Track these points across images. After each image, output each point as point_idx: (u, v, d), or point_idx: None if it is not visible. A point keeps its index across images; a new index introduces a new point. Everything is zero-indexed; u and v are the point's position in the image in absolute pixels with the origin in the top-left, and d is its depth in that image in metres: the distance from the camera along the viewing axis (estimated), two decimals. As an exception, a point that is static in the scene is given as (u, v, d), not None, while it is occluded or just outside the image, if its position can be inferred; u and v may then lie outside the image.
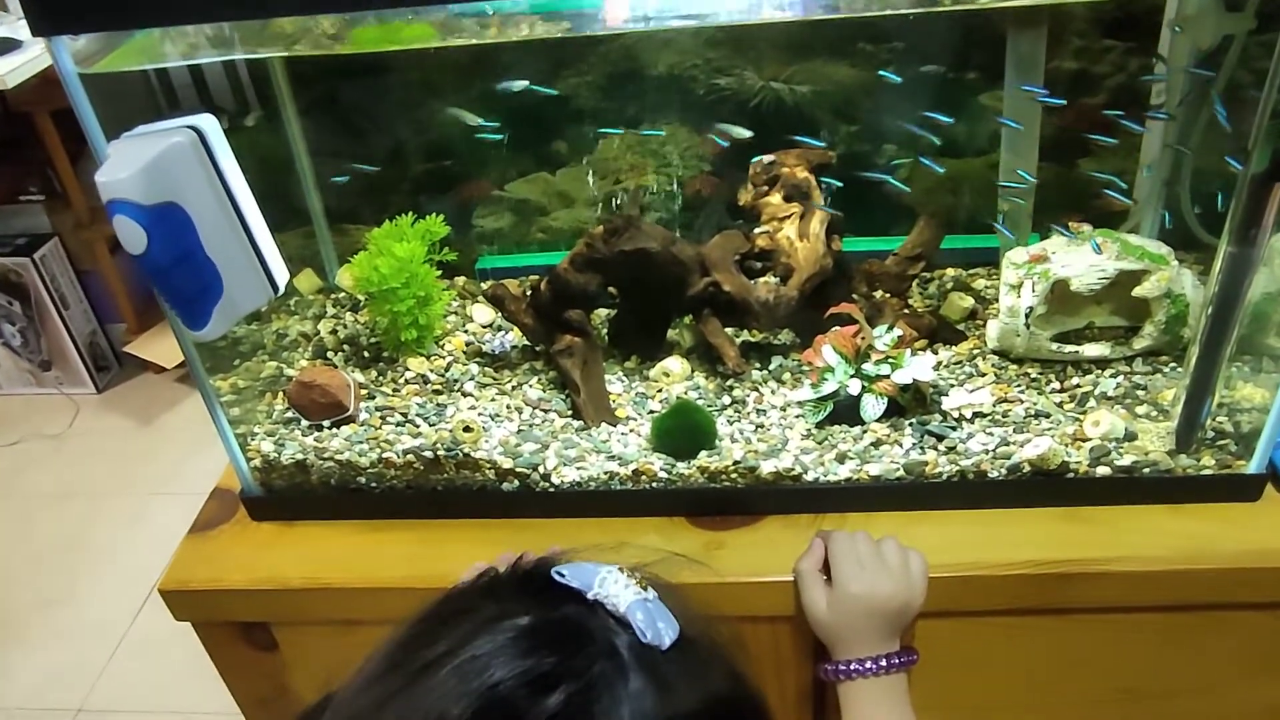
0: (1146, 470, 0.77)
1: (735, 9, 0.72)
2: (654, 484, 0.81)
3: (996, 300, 0.91)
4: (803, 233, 0.84)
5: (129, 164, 0.66)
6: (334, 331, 0.98)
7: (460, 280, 1.03)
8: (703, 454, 0.81)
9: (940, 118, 0.77)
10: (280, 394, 0.91)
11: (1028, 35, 0.80)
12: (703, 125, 0.92)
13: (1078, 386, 0.83)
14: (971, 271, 0.96)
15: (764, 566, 0.76)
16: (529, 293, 0.89)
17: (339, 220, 0.98)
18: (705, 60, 0.90)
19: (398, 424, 0.87)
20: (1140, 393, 0.82)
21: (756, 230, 0.85)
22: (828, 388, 0.81)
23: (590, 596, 0.51)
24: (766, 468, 0.79)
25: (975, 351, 0.87)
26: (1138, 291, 0.80)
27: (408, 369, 0.92)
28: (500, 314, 0.91)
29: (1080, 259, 0.80)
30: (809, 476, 0.79)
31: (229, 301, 0.73)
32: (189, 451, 2.15)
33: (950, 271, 0.96)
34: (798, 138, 0.82)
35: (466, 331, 0.97)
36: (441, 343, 0.95)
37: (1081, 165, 0.87)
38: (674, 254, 0.83)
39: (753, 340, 0.93)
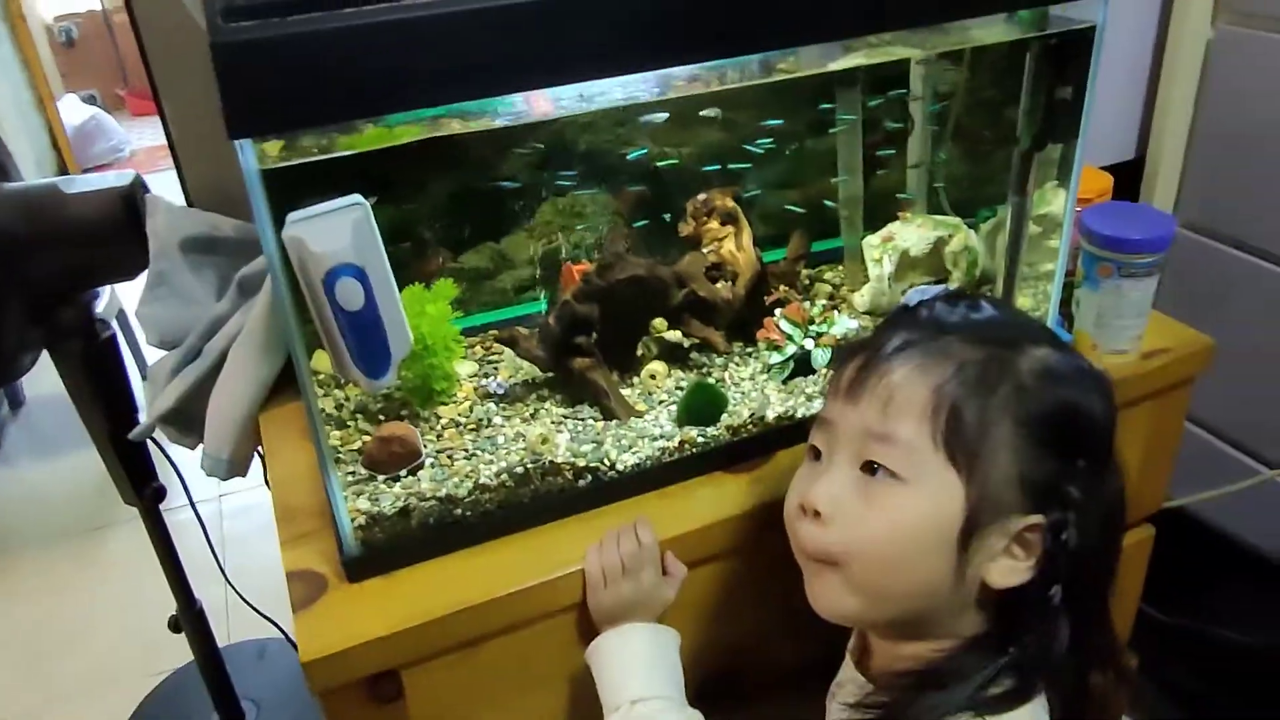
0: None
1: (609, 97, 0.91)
2: (693, 449, 1.02)
3: (844, 284, 1.26)
4: (739, 246, 1.12)
5: (336, 236, 0.76)
6: (339, 407, 1.05)
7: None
8: (724, 417, 1.04)
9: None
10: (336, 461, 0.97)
11: (850, 91, 1.17)
12: (616, 189, 1.17)
13: (924, 322, 1.20)
14: (818, 268, 1.30)
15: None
16: (536, 329, 1.06)
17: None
18: (616, 136, 1.14)
19: (468, 457, 0.98)
20: (963, 317, 1.21)
21: (705, 250, 1.12)
22: (792, 349, 1.09)
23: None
24: (770, 415, 1.05)
25: (852, 316, 1.21)
26: (950, 249, 1.19)
27: (439, 418, 1.03)
28: (514, 353, 1.06)
29: (913, 233, 1.18)
30: (799, 414, 1.06)
31: (393, 352, 0.83)
32: None
33: (804, 270, 1.29)
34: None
35: (462, 381, 1.10)
36: (452, 393, 1.07)
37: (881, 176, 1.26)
38: (658, 275, 1.07)
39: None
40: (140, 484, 1.58)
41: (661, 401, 1.07)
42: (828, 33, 0.86)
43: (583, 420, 1.04)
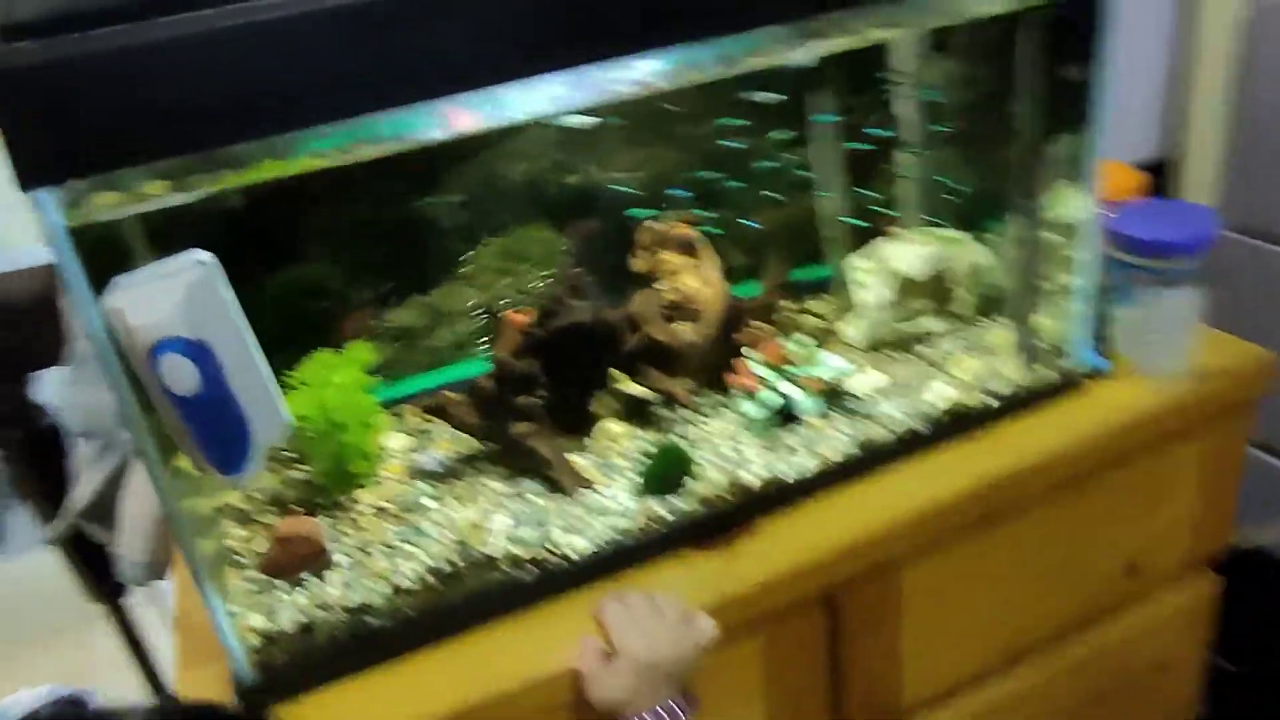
0: (1012, 392, 0.97)
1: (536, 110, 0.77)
2: (657, 525, 0.86)
3: (834, 316, 1.09)
4: (705, 279, 0.96)
5: (160, 304, 0.62)
6: (249, 499, 0.90)
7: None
8: (691, 483, 0.88)
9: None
10: (227, 567, 0.82)
11: (820, 94, 1.01)
12: (560, 221, 1.02)
13: (923, 353, 1.03)
14: (808, 299, 1.13)
15: (799, 552, 0.85)
16: (468, 393, 0.91)
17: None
18: (553, 163, 1.00)
19: (389, 551, 0.83)
20: (965, 343, 1.04)
21: (662, 286, 0.96)
22: (774, 399, 0.92)
23: None
24: (746, 477, 0.88)
25: (843, 353, 1.04)
26: (955, 268, 1.02)
27: (356, 503, 0.88)
28: (447, 423, 0.91)
29: (908, 252, 1.02)
30: (780, 474, 0.89)
31: (256, 439, 0.68)
32: None
33: (785, 303, 1.12)
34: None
35: (390, 457, 0.95)
36: (372, 474, 0.92)
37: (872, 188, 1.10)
38: (605, 320, 0.91)
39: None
40: (99, 579, 1.47)
41: (620, 469, 0.91)
42: (758, 19, 0.71)
43: (525, 498, 0.89)
